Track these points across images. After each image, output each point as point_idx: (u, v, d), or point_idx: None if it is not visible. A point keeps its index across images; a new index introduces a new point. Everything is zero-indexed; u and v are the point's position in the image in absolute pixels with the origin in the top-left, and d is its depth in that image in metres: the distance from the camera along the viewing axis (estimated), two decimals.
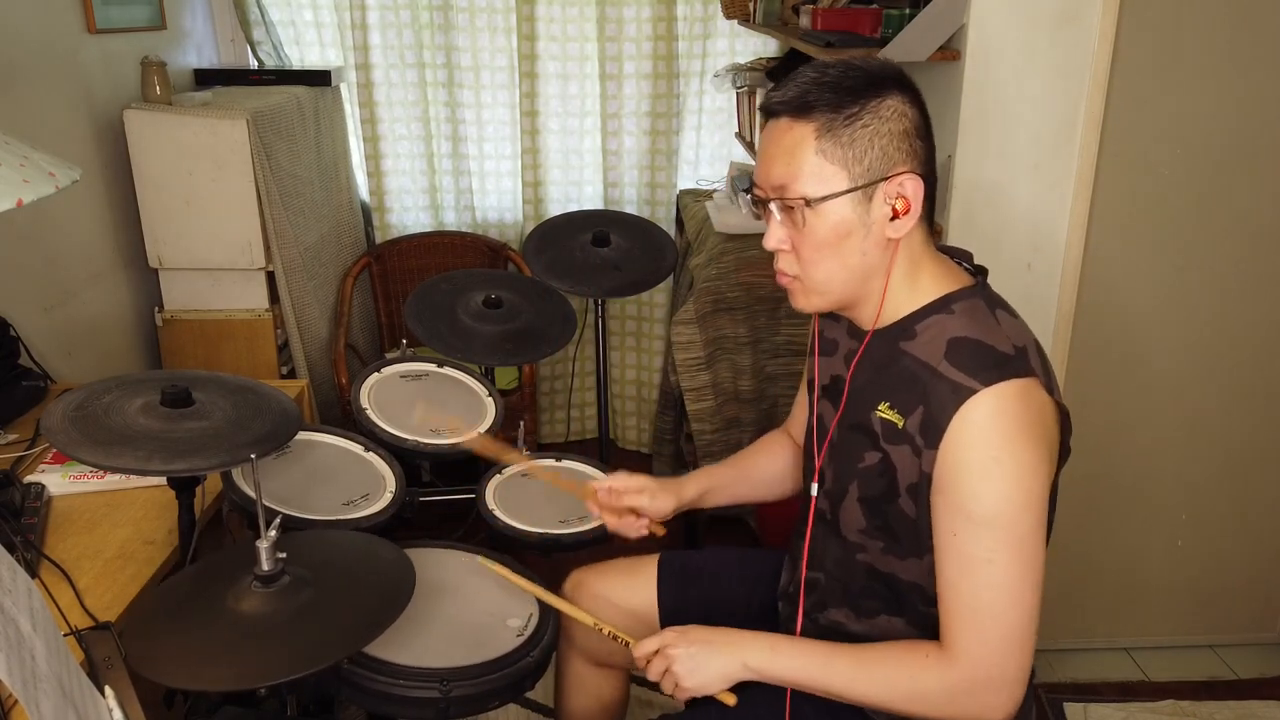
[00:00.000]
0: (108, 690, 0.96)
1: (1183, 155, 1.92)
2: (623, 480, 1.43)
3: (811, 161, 1.06)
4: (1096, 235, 1.94)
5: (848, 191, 1.06)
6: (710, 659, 1.16)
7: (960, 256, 1.19)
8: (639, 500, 1.42)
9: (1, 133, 1.26)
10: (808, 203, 1.07)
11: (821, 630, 1.26)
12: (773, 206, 1.11)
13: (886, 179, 1.06)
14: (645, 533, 1.44)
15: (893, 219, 1.08)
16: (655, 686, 1.21)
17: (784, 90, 1.08)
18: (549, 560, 1.80)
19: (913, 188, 1.07)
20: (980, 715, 1.07)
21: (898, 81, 1.08)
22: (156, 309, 2.46)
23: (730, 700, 1.19)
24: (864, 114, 1.05)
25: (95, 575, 1.34)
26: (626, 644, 1.26)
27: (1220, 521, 2.19)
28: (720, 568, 1.50)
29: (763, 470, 1.47)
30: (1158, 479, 2.15)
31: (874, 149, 1.05)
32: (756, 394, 2.59)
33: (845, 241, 1.08)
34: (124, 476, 1.55)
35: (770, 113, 1.10)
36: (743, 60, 2.96)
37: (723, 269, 2.50)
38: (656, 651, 1.19)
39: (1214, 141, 1.91)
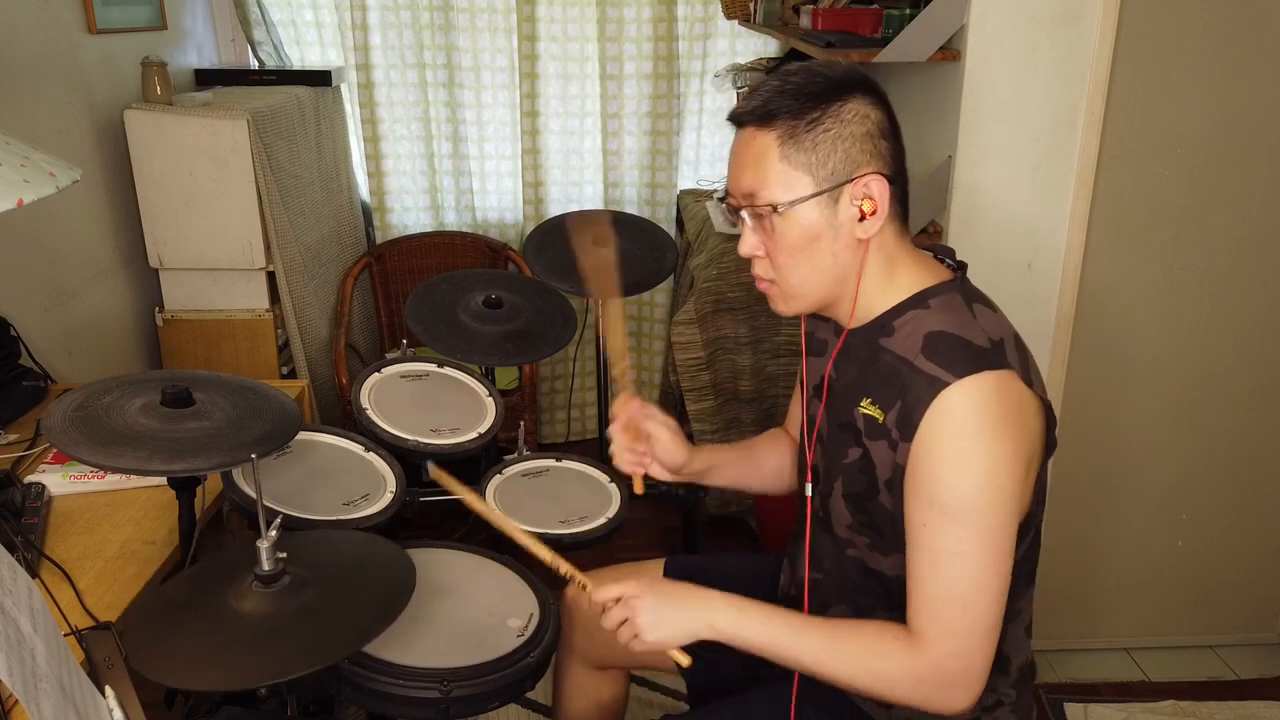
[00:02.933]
0: (108, 690, 0.96)
1: (1182, 155, 1.92)
2: (656, 412, 1.37)
3: (776, 168, 1.08)
4: (1096, 235, 1.94)
5: (813, 196, 1.08)
6: (675, 613, 1.14)
7: (942, 253, 1.20)
8: (661, 432, 1.35)
9: (2, 133, 1.26)
10: (775, 209, 1.08)
11: None
12: (744, 214, 1.13)
13: (851, 181, 1.08)
14: (637, 471, 1.37)
15: (860, 220, 1.09)
16: (656, 687, 1.21)
17: (749, 100, 1.11)
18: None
19: (878, 188, 1.08)
20: (939, 706, 1.08)
21: (861, 84, 1.09)
22: (157, 309, 2.46)
23: (684, 661, 1.16)
24: (825, 118, 1.07)
25: (95, 575, 1.34)
26: (584, 586, 1.20)
27: (1220, 521, 2.19)
28: (722, 572, 1.50)
29: (766, 459, 1.47)
30: (1157, 479, 2.16)
31: (837, 152, 1.07)
32: (756, 394, 2.59)
33: (815, 245, 1.10)
34: (124, 476, 1.55)
35: (737, 123, 1.12)
36: (743, 60, 2.96)
37: (723, 269, 2.50)
38: (619, 600, 1.17)
39: (1213, 142, 1.91)
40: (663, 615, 1.14)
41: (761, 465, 1.47)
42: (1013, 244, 1.93)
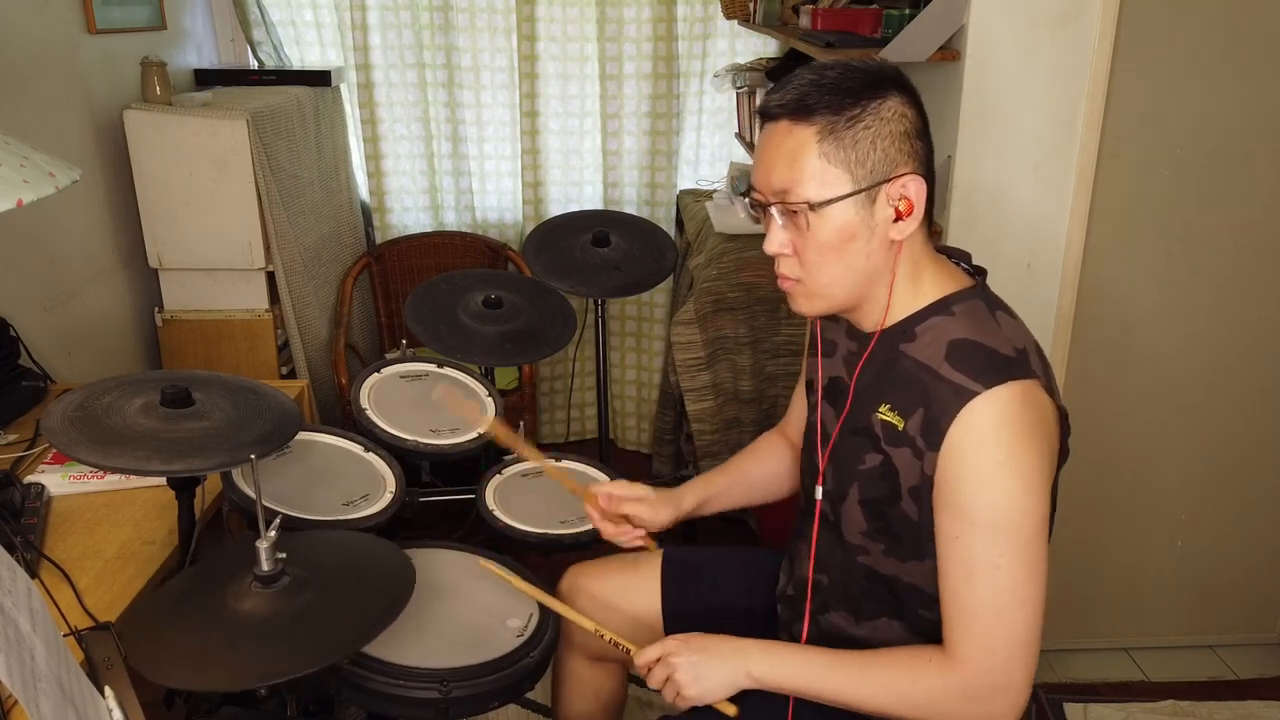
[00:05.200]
0: (108, 690, 0.96)
1: (1183, 155, 1.92)
2: (623, 487, 1.43)
3: (814, 165, 1.05)
4: (1096, 235, 1.94)
5: (852, 194, 1.05)
6: (713, 667, 1.15)
7: (959, 257, 1.19)
8: (637, 509, 1.42)
9: (1, 133, 1.26)
10: (812, 206, 1.06)
11: (822, 632, 1.26)
12: (774, 211, 1.09)
13: (889, 180, 1.06)
14: (639, 544, 1.44)
15: (896, 220, 1.07)
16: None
17: (783, 93, 1.07)
18: (549, 560, 1.80)
19: (915, 189, 1.06)
20: None
21: (896, 82, 1.07)
22: (156, 309, 2.46)
23: (731, 711, 1.18)
24: (865, 115, 1.04)
25: (95, 575, 1.34)
26: (628, 651, 1.26)
27: (1220, 522, 2.19)
28: (721, 568, 1.50)
29: (760, 473, 1.47)
30: (1157, 479, 2.15)
31: (876, 151, 1.05)
32: (756, 394, 2.59)
33: (849, 244, 1.07)
34: (124, 476, 1.55)
35: (769, 116, 1.09)
36: (743, 60, 2.96)
37: (723, 269, 2.50)
38: (659, 659, 1.19)
39: (1213, 141, 1.91)
40: (701, 670, 1.16)
41: (752, 484, 1.48)
42: (1013, 244, 1.92)
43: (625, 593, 1.47)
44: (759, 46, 3.01)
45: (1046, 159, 1.87)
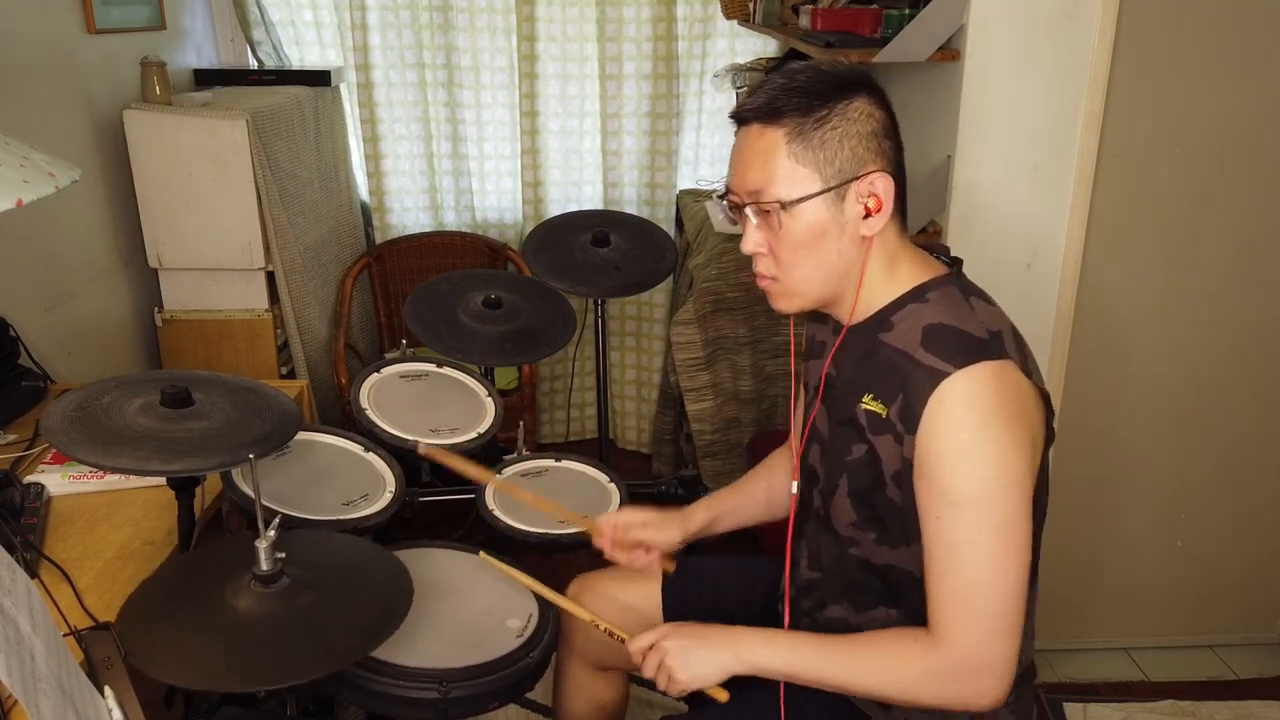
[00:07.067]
0: (107, 690, 0.96)
1: (1182, 155, 1.92)
2: (627, 515, 1.44)
3: (784, 165, 1.09)
4: (1095, 235, 1.95)
5: (821, 193, 1.09)
6: (704, 653, 1.17)
7: (937, 250, 1.21)
8: (645, 534, 1.42)
9: (1, 133, 1.26)
10: (783, 205, 1.09)
11: (823, 627, 1.26)
12: (748, 211, 1.13)
13: (858, 178, 1.09)
14: (655, 567, 1.45)
15: (865, 217, 1.10)
16: (653, 684, 1.21)
17: (753, 98, 1.12)
18: (549, 560, 1.80)
19: (883, 186, 1.09)
20: (969, 701, 1.07)
21: (865, 84, 1.10)
22: (156, 309, 2.46)
23: (722, 696, 1.19)
24: (832, 116, 1.08)
25: (95, 575, 1.34)
26: (622, 640, 1.26)
27: (1219, 521, 2.19)
28: (723, 572, 1.51)
29: (769, 491, 1.48)
30: (1157, 478, 2.15)
31: (844, 150, 1.08)
32: (756, 394, 2.59)
33: (821, 241, 1.10)
34: (123, 476, 1.55)
35: (741, 120, 1.13)
36: (742, 60, 2.96)
37: (722, 269, 2.50)
38: (651, 646, 1.20)
39: (1213, 141, 1.91)
40: (693, 656, 1.17)
41: (761, 502, 1.48)
42: (1012, 244, 1.93)
43: (629, 597, 1.48)
44: (759, 46, 3.01)
45: (1046, 159, 1.87)
